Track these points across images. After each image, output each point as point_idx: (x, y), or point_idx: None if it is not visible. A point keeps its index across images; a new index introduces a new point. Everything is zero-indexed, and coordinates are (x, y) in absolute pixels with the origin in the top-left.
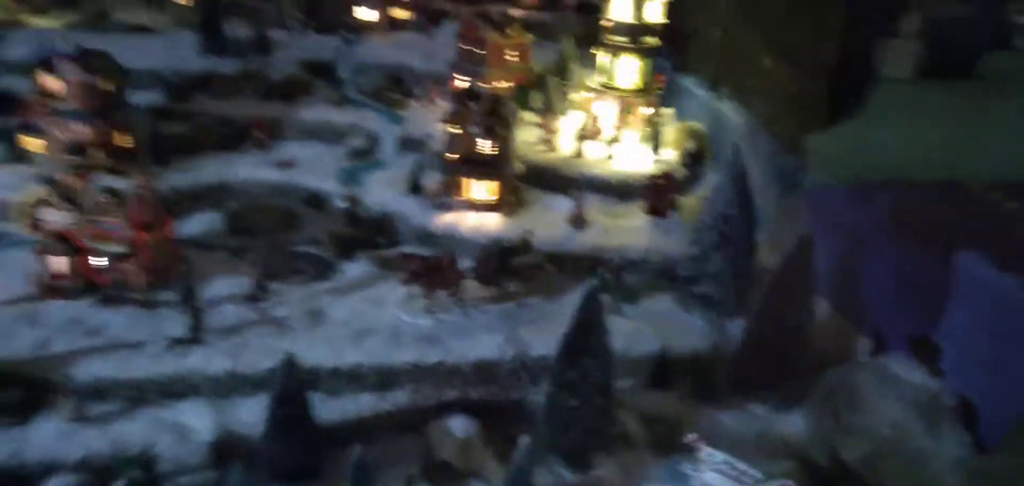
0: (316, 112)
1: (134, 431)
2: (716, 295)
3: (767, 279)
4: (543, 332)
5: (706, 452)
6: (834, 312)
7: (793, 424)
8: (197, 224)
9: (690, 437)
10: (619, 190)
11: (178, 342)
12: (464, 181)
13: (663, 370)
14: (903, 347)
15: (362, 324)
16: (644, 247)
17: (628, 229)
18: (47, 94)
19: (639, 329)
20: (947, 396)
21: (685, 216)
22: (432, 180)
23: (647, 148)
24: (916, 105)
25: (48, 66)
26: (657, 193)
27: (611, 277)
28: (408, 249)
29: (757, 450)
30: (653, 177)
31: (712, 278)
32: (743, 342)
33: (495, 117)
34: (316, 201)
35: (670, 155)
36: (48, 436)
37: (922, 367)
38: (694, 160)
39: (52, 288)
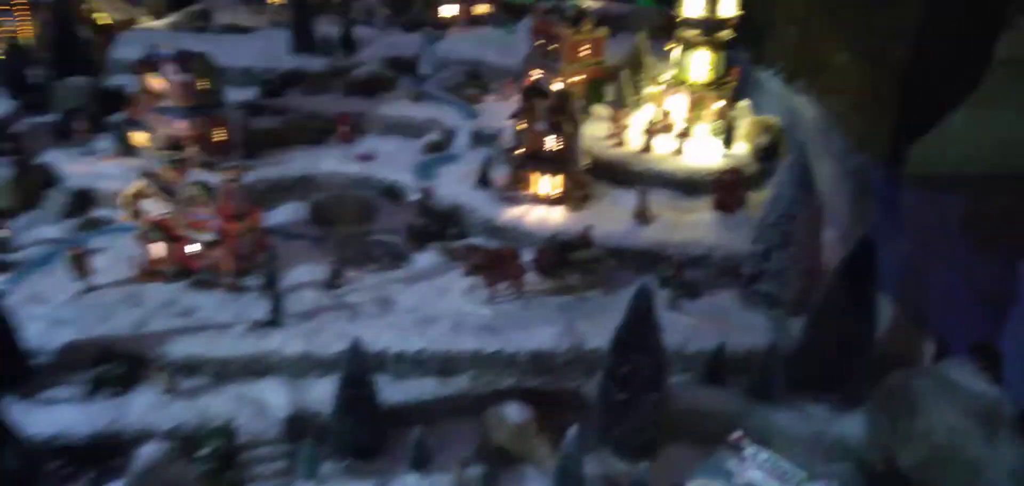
0: (396, 107)
1: (218, 405)
2: (778, 293)
3: (830, 278)
4: (600, 325)
5: (750, 449)
6: (899, 314)
7: (850, 427)
8: (283, 214)
9: (735, 434)
10: (688, 185)
11: (260, 325)
12: (530, 176)
13: (719, 367)
14: (966, 353)
15: (428, 312)
16: (709, 243)
17: (694, 225)
18: (151, 92)
19: (697, 325)
20: (1007, 405)
21: (755, 212)
22: (501, 174)
23: (718, 142)
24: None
25: (152, 66)
26: (726, 188)
27: (672, 273)
28: (475, 241)
29: (811, 451)
30: (723, 172)
31: (774, 276)
32: (802, 341)
33: (561, 113)
34: (393, 193)
35: (743, 149)
36: (143, 407)
37: (984, 374)
38: (768, 154)
39: (151, 272)
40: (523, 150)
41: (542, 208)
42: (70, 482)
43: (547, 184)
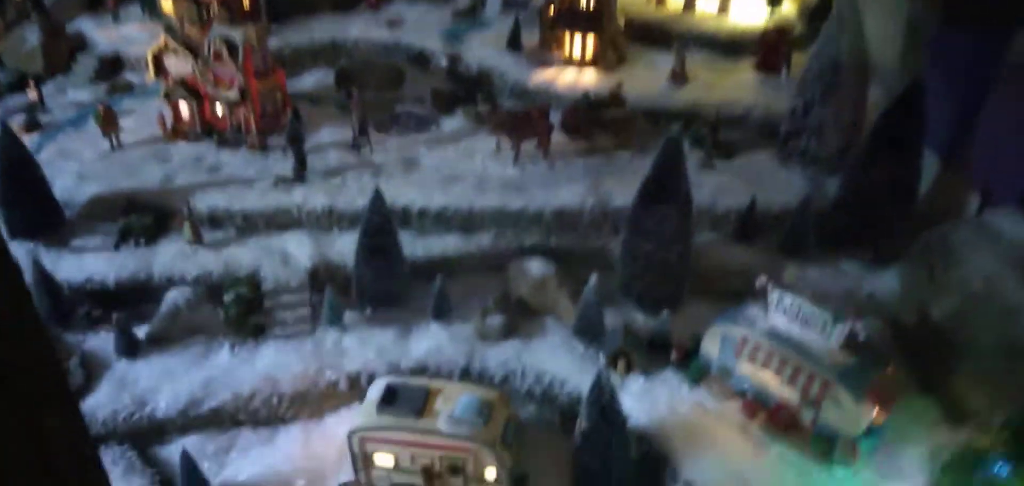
0: None
1: (243, 255)
2: (817, 149)
3: (872, 129)
4: (628, 185)
5: (775, 294)
6: (944, 171)
7: (883, 283)
8: (310, 80)
9: (760, 280)
10: (730, 46)
11: (284, 180)
12: (562, 36)
13: (750, 224)
14: (1011, 202)
15: (452, 171)
16: (747, 103)
17: (733, 85)
18: None
19: (729, 183)
20: None
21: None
22: (532, 36)
23: (763, 0)
24: None
25: None
26: (770, 48)
27: (705, 132)
28: (504, 105)
29: (841, 308)
30: (767, 31)
31: (814, 131)
32: (840, 195)
33: None
34: (421, 59)
35: (790, 8)
36: (169, 256)
37: None
38: (816, 13)
39: (177, 131)
40: (555, 10)
41: (574, 70)
42: (100, 324)
43: (579, 45)
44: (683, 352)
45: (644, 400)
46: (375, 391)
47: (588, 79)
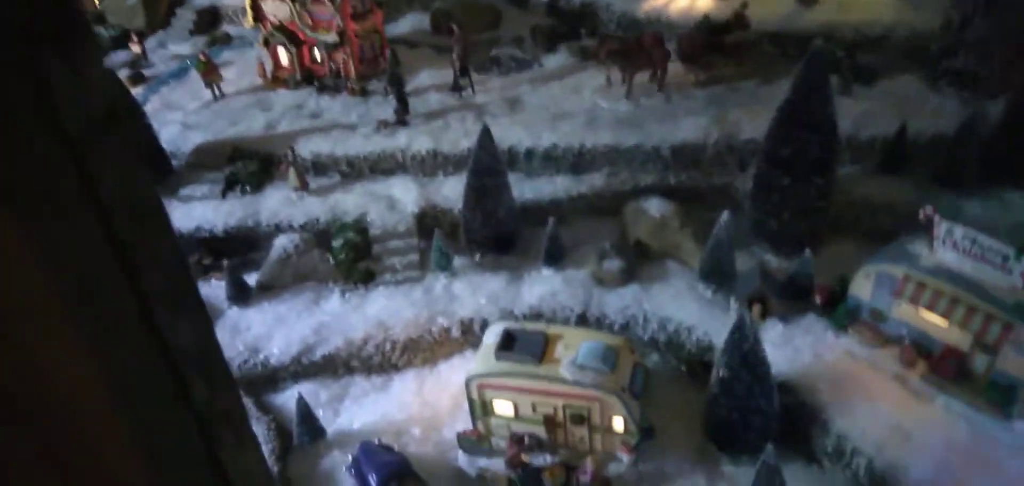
0: None
1: (348, 201)
2: (975, 68)
3: None
4: (756, 116)
5: (944, 226)
6: None
7: None
8: (405, 24)
9: (926, 209)
10: None
11: (386, 124)
12: None
13: (899, 154)
14: None
15: (559, 109)
16: (888, 22)
17: (871, 4)
18: None
19: (872, 110)
20: None
21: None
22: None
23: None
24: None
25: None
26: None
27: (842, 54)
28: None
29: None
30: None
31: (972, 48)
32: (1004, 118)
33: None
34: None
35: None
36: (275, 203)
37: None
38: None
39: (277, 78)
40: None
41: None
42: (211, 272)
43: None
44: (827, 295)
45: (784, 348)
46: (492, 336)
47: (706, 2)
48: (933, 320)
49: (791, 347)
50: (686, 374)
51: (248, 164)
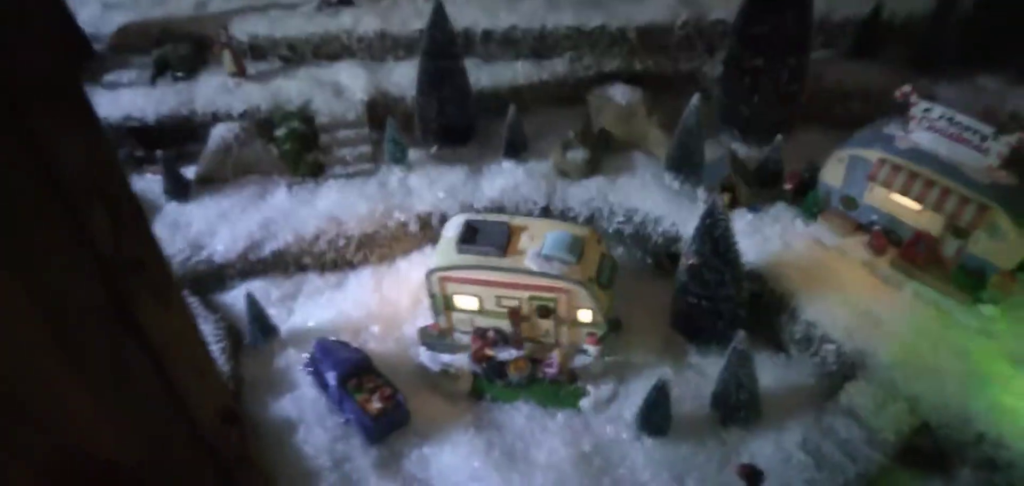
0: None
1: (292, 87)
2: None
3: None
4: None
5: (921, 106)
6: None
7: None
8: None
9: (902, 89)
10: None
11: (329, 3)
12: None
13: (872, 37)
14: None
15: None
16: None
17: None
18: None
19: None
20: None
21: None
22: None
23: None
24: None
25: None
26: None
27: None
28: None
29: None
30: None
31: None
32: None
33: None
34: None
35: None
36: (211, 90)
37: None
38: None
39: None
40: None
41: None
42: (145, 165)
43: None
44: (797, 182)
45: (753, 237)
46: (452, 229)
47: None
48: (906, 204)
49: (760, 236)
50: (652, 266)
51: (179, 47)
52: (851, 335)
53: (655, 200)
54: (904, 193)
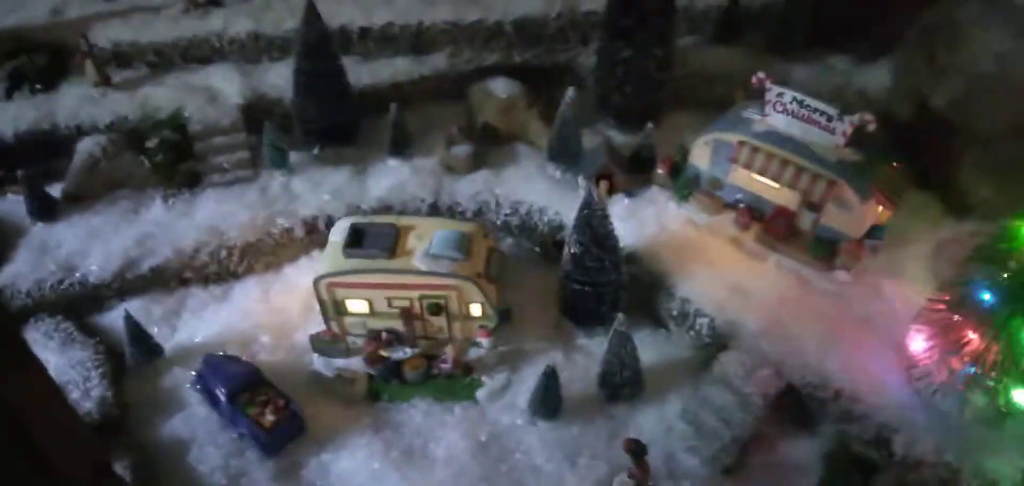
0: None
1: (161, 95)
2: None
3: None
4: None
5: (774, 90)
6: None
7: (875, 77)
8: None
9: (757, 75)
10: None
11: (196, 4)
12: None
13: (732, 23)
14: None
15: None
16: None
17: None
18: None
19: None
20: None
21: None
22: None
23: None
24: None
25: None
26: None
27: None
28: None
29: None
30: None
31: None
32: None
33: None
34: None
35: None
36: (74, 101)
37: None
38: None
39: None
40: None
41: None
42: (5, 186)
43: None
44: (670, 166)
45: (630, 221)
46: (338, 233)
47: None
48: (765, 183)
49: (636, 219)
50: (540, 255)
51: (35, 58)
52: (722, 308)
53: (539, 190)
54: (763, 173)
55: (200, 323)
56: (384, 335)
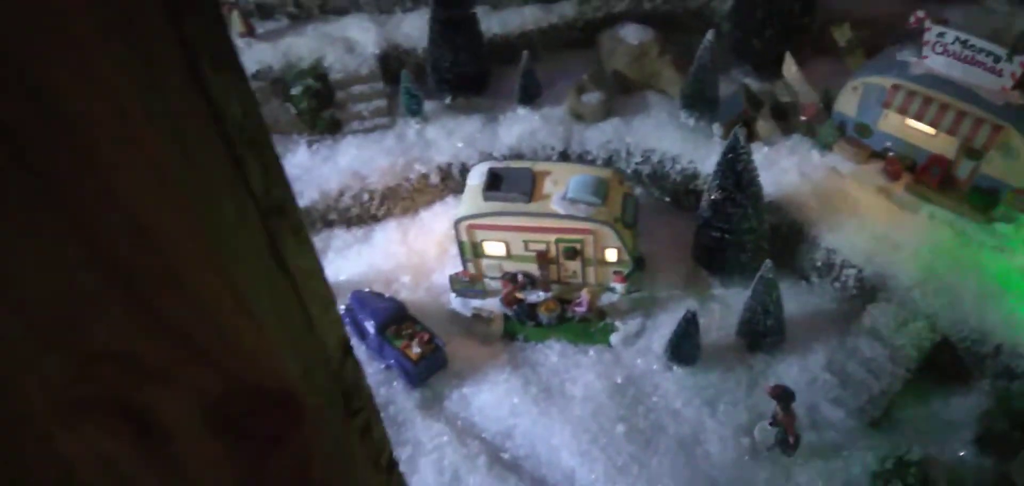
0: None
1: (302, 45)
2: None
3: None
4: None
5: (934, 31)
6: None
7: None
8: None
9: (916, 14)
10: None
11: None
12: None
13: None
14: None
15: None
16: None
17: None
18: None
19: None
20: None
21: None
22: None
23: None
24: None
25: None
26: None
27: None
28: None
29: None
30: None
31: None
32: None
33: None
34: None
35: None
36: None
37: None
38: None
39: None
40: None
41: None
42: None
43: None
44: (813, 113)
45: (770, 170)
46: (476, 177)
47: None
48: (920, 129)
49: (777, 168)
50: (671, 205)
51: None
52: (870, 259)
53: (671, 139)
54: (919, 118)
55: (345, 262)
56: (520, 277)
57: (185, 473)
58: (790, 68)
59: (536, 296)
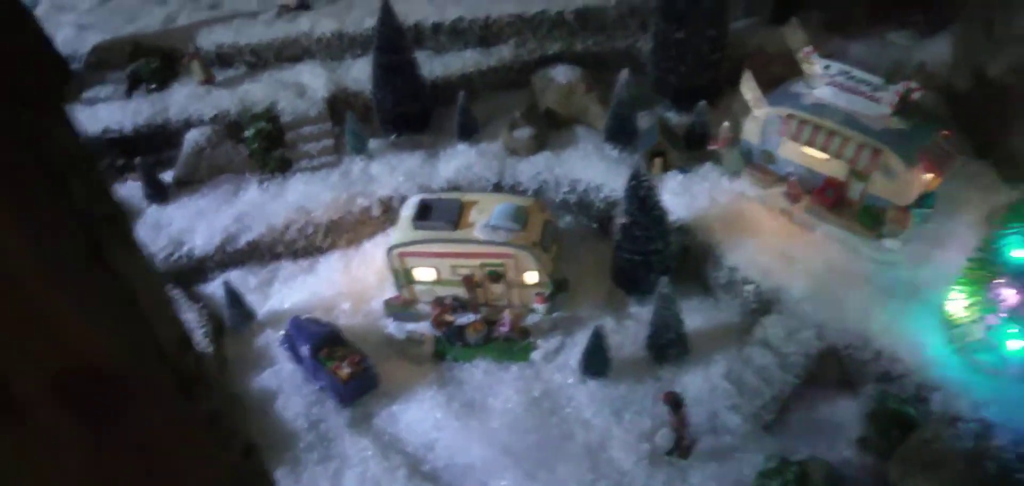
0: None
1: (257, 90)
2: None
3: None
4: None
5: (821, 64)
6: None
7: (936, 50)
8: None
9: (805, 50)
10: None
11: (287, 9)
12: None
13: (789, 2)
14: None
15: None
16: None
17: None
18: None
19: None
20: None
21: None
22: None
23: None
24: None
25: None
26: None
27: None
28: None
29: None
30: None
31: None
32: None
33: None
34: None
35: None
36: (183, 99)
37: None
38: None
39: None
40: None
41: None
42: (125, 173)
43: None
44: (723, 143)
45: (683, 195)
46: (409, 208)
47: None
48: (816, 155)
49: (689, 194)
50: (597, 231)
51: (150, 61)
52: (768, 275)
53: (596, 169)
54: (811, 144)
55: (289, 291)
56: (449, 301)
57: (42, 441)
58: (748, 83)
59: (465, 318)
